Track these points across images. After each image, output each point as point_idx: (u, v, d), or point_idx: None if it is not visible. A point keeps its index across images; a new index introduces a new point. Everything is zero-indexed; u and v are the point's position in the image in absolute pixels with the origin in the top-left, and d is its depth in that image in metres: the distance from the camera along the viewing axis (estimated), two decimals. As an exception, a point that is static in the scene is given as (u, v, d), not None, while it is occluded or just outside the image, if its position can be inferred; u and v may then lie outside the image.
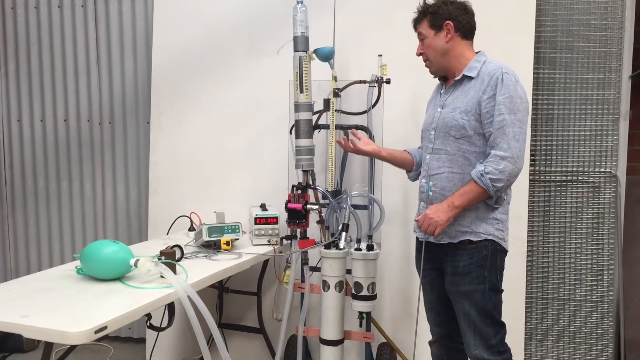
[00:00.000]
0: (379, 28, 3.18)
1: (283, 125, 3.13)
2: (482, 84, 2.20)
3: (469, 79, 2.27)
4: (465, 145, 2.24)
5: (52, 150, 3.91)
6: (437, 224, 2.19)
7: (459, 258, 2.26)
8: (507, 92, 2.15)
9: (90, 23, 3.76)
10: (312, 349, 3.21)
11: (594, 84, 3.16)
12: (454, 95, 2.31)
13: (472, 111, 2.21)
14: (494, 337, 2.26)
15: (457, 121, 2.23)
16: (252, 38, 3.37)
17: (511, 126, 2.13)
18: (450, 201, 2.20)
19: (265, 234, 2.87)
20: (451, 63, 2.32)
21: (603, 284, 3.18)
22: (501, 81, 2.16)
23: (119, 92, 3.76)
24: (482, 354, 2.26)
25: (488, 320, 2.25)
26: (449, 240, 2.28)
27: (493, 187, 2.13)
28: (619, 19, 3.11)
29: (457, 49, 2.31)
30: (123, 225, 3.82)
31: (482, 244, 2.23)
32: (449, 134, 2.27)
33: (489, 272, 2.23)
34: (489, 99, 2.18)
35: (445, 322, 2.45)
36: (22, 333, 1.72)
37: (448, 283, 2.33)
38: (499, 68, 2.19)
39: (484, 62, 2.27)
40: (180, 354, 3.50)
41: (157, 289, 2.04)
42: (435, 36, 2.31)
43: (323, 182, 2.97)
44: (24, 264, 4.02)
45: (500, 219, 2.25)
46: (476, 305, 2.24)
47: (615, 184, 3.15)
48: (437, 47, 2.32)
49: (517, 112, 2.14)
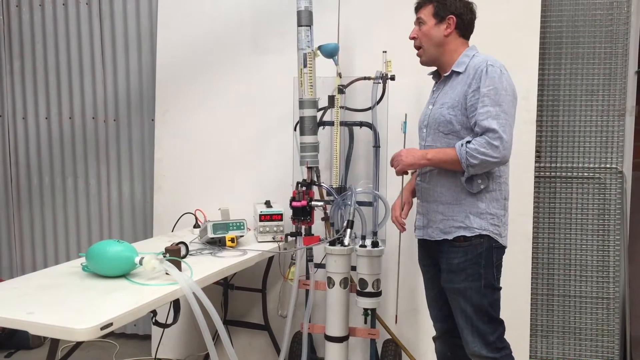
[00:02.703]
0: (383, 24, 3.17)
1: (287, 122, 3.13)
2: (468, 78, 2.20)
3: (457, 74, 2.27)
4: (454, 141, 2.22)
5: (57, 148, 3.92)
6: (401, 162, 2.29)
7: (453, 255, 2.26)
8: (491, 83, 2.13)
9: (95, 20, 3.76)
10: (317, 346, 3.22)
11: (600, 80, 3.14)
12: (444, 92, 2.32)
13: (458, 106, 2.21)
14: (492, 334, 2.25)
15: (444, 117, 2.24)
16: (256, 35, 3.37)
17: (496, 118, 2.10)
18: (425, 152, 2.25)
19: (270, 231, 2.87)
20: (443, 57, 2.32)
21: (609, 281, 3.17)
22: (485, 73, 2.14)
23: (124, 90, 3.76)
24: (480, 351, 2.25)
25: (485, 318, 2.24)
26: (443, 237, 2.27)
27: (467, 160, 2.12)
28: (624, 14, 3.09)
29: (452, 44, 2.30)
30: (128, 223, 3.83)
31: (476, 241, 2.22)
32: (438, 130, 2.27)
33: (484, 270, 2.22)
34: (473, 91, 2.16)
35: (447, 318, 2.44)
36: (28, 330, 1.73)
37: (444, 280, 2.32)
38: (485, 61, 2.18)
39: (472, 56, 2.26)
40: (185, 350, 3.51)
41: (163, 286, 2.05)
42: (435, 26, 2.30)
43: (328, 178, 2.96)
44: (30, 261, 4.03)
45: (495, 214, 2.23)
46: (472, 303, 2.24)
47: (621, 180, 3.14)
48: (433, 37, 2.31)
49: (501, 104, 2.11)
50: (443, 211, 2.28)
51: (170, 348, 3.49)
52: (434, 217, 2.31)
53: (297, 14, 2.72)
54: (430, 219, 2.33)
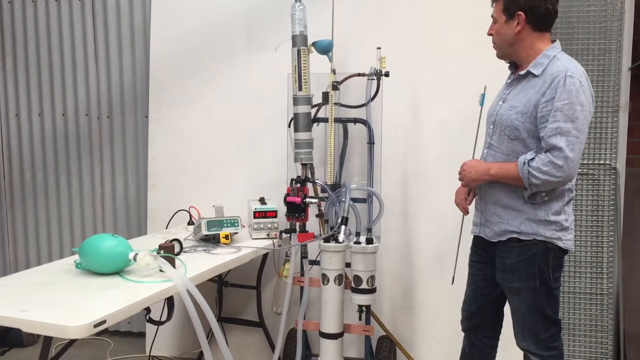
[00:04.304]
0: (377, 20, 3.16)
1: (282, 119, 3.12)
2: (543, 85, 2.08)
3: (532, 76, 2.14)
4: (518, 147, 2.16)
5: (50, 145, 3.90)
6: (465, 177, 2.26)
7: (507, 255, 2.22)
8: (567, 97, 2.01)
9: (88, 17, 3.74)
10: (311, 343, 3.22)
11: (594, 76, 3.14)
12: (516, 91, 2.20)
13: (528, 113, 2.11)
14: (544, 332, 2.21)
15: (512, 122, 2.14)
16: (251, 31, 3.35)
17: (566, 135, 2.01)
18: (488, 167, 2.20)
19: (264, 228, 2.87)
20: (519, 53, 2.20)
21: (603, 277, 3.19)
22: (563, 85, 2.02)
23: (117, 86, 3.74)
24: (529, 347, 2.24)
25: (539, 316, 2.20)
26: (498, 239, 2.25)
27: (528, 179, 2.07)
28: (618, 11, 3.10)
29: (526, 40, 2.16)
30: (122, 220, 3.82)
31: (531, 242, 2.17)
32: (504, 133, 2.19)
33: (539, 270, 2.16)
34: (546, 102, 2.05)
35: (472, 316, 2.45)
36: (21, 327, 1.72)
37: (499, 278, 2.29)
38: (564, 70, 2.05)
39: (553, 58, 2.12)
40: (180, 348, 3.50)
41: (156, 283, 2.04)
42: (505, 23, 2.17)
43: (322, 175, 2.96)
44: (23, 258, 4.01)
45: (555, 220, 2.15)
46: (526, 302, 2.21)
47: (614, 176, 3.15)
48: (505, 35, 2.18)
49: (575, 120, 2.01)
50: (500, 214, 2.23)
51: (165, 345, 3.49)
52: (490, 218, 2.27)
53: (292, 39, 2.75)
54: (487, 219, 2.29)
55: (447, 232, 2.95)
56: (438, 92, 3.08)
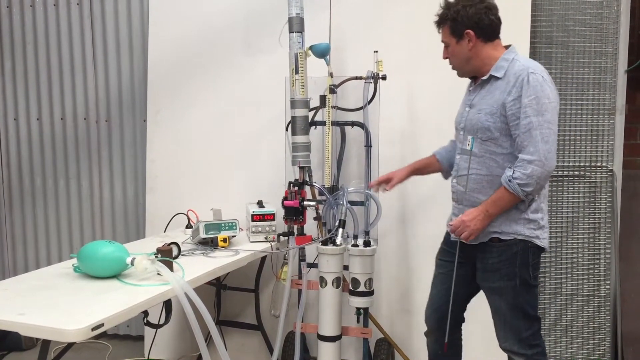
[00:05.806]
0: (374, 24, 3.17)
1: (279, 122, 3.13)
2: (508, 85, 2.15)
3: (495, 79, 2.22)
4: (492, 147, 2.21)
5: (49, 149, 3.91)
6: (472, 231, 2.20)
7: (488, 255, 2.26)
8: (533, 93, 2.09)
9: (86, 21, 3.75)
10: (310, 345, 3.22)
11: (590, 79, 3.15)
12: (481, 95, 2.27)
13: (497, 113, 2.17)
14: (526, 330, 2.25)
15: (482, 123, 2.20)
16: (249, 35, 3.36)
17: (538, 128, 2.08)
18: (485, 209, 2.19)
19: (262, 231, 2.87)
20: (478, 66, 2.27)
21: (600, 278, 3.19)
22: (527, 82, 2.10)
23: (116, 90, 3.75)
24: (512, 347, 2.27)
25: (520, 315, 2.24)
26: (480, 240, 2.26)
27: (522, 191, 2.11)
28: (614, 14, 3.11)
29: (481, 53, 2.25)
30: (120, 223, 3.82)
31: (511, 242, 2.21)
32: (476, 136, 2.24)
33: (519, 269, 2.21)
34: (513, 100, 2.13)
35: (443, 317, 2.44)
36: (20, 331, 1.73)
37: (479, 278, 2.33)
38: (526, 68, 2.14)
39: (512, 60, 2.20)
40: (178, 351, 3.50)
41: (154, 286, 2.05)
42: (457, 44, 2.25)
43: (320, 178, 2.96)
44: (22, 262, 4.02)
45: (533, 218, 2.21)
46: (507, 301, 2.24)
47: (611, 179, 3.15)
48: (460, 55, 2.27)
49: (544, 113, 2.09)
50: None
51: (163, 349, 3.49)
52: None
53: (289, 21, 2.73)
54: None
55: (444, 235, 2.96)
56: (435, 95, 3.09)
